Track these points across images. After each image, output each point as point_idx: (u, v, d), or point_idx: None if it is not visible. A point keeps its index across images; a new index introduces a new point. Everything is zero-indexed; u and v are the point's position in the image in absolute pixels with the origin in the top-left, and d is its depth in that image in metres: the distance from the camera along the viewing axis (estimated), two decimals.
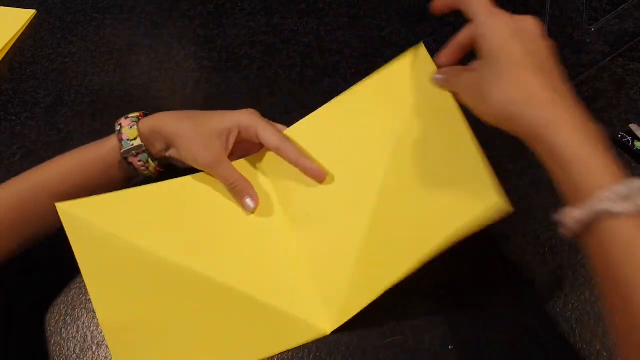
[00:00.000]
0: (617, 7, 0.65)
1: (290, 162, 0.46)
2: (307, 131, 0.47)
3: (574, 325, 0.45)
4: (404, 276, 0.40)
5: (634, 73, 0.60)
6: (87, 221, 0.41)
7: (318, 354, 0.45)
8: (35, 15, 0.77)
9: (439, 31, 0.66)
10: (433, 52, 0.49)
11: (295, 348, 0.45)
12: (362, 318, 0.46)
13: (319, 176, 0.45)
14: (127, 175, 0.50)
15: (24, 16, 0.77)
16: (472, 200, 0.39)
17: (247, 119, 0.46)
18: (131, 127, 0.47)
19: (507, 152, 0.55)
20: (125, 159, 0.47)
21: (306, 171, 0.45)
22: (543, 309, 0.46)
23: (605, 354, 0.43)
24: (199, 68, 0.68)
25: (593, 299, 0.46)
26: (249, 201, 0.44)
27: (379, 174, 0.44)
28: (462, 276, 0.48)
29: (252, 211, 0.44)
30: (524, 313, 0.45)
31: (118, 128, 0.48)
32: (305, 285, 0.43)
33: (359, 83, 0.47)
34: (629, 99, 0.58)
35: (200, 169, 0.46)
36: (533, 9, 0.67)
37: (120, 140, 0.47)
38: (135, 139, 0.47)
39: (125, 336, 0.41)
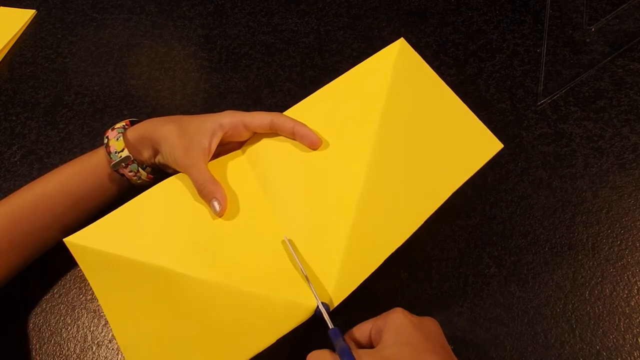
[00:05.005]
0: (617, 7, 0.65)
1: (286, 131, 0.46)
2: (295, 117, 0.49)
3: (574, 325, 0.45)
4: (407, 236, 0.42)
5: (634, 73, 0.60)
6: (95, 250, 0.42)
7: None
8: (35, 15, 0.77)
9: (439, 31, 0.66)
10: (433, 51, 0.49)
11: (294, 349, 0.45)
12: (361, 319, 0.46)
13: (315, 142, 0.46)
14: (121, 186, 0.50)
15: (24, 16, 0.77)
16: (475, 148, 0.46)
17: (228, 117, 0.46)
18: (117, 139, 0.48)
19: (507, 152, 0.55)
20: (117, 170, 0.48)
21: (303, 137, 0.46)
22: (543, 309, 0.46)
23: (605, 354, 0.43)
24: (199, 68, 0.68)
25: (593, 299, 0.46)
26: (215, 204, 0.43)
27: (368, 153, 0.45)
28: (462, 277, 0.48)
29: (219, 214, 0.44)
30: (524, 313, 0.46)
31: (105, 141, 0.48)
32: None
33: (345, 73, 0.49)
34: (629, 99, 0.58)
35: (180, 171, 0.47)
36: (533, 9, 0.67)
37: (109, 153, 0.48)
38: (122, 150, 0.47)
39: (143, 353, 0.41)
